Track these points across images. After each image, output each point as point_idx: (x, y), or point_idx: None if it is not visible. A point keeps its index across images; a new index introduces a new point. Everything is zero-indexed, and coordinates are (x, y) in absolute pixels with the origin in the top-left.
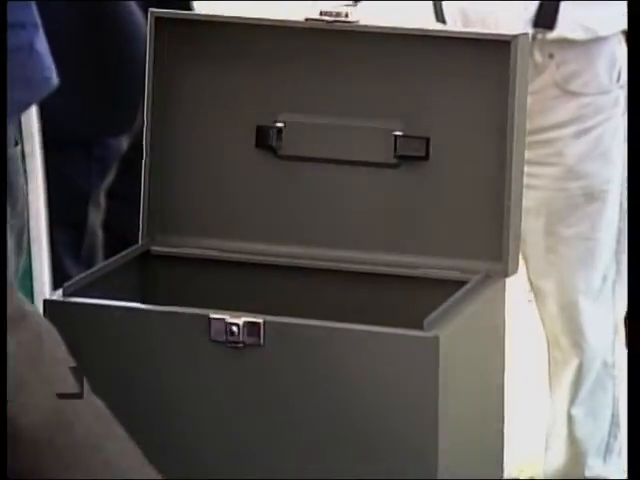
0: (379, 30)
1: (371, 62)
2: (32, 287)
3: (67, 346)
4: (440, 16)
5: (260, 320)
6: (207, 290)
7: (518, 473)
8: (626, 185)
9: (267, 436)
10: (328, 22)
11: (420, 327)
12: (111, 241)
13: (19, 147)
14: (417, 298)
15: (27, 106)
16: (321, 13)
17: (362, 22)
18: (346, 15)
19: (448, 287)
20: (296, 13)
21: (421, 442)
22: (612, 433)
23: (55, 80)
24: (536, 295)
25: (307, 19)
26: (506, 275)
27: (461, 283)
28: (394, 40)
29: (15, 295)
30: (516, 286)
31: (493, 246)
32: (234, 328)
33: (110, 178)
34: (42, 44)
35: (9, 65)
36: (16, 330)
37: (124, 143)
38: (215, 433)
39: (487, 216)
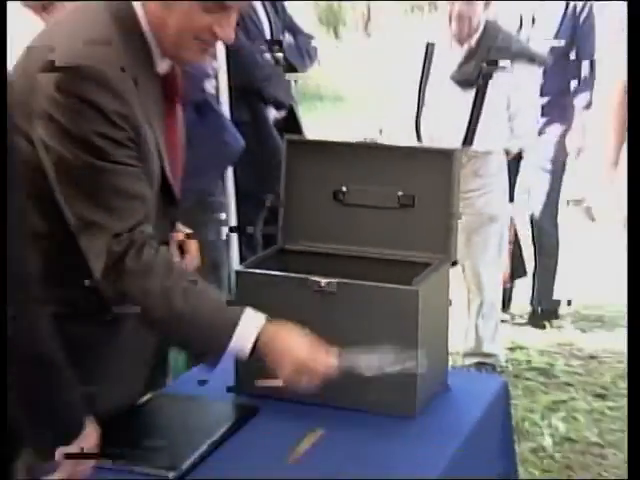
0: (387, 146)
1: (385, 161)
2: None
3: (245, 295)
4: (419, 138)
5: (335, 281)
6: (311, 265)
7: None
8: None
9: (336, 330)
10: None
11: (410, 284)
12: (265, 242)
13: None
14: (408, 271)
15: (227, 167)
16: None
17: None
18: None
19: (422, 266)
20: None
21: (408, 343)
22: (495, 331)
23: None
24: (462, 267)
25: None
26: (450, 260)
27: (428, 264)
28: (397, 150)
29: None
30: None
31: (444, 245)
32: (322, 284)
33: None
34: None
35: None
36: None
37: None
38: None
39: (441, 231)
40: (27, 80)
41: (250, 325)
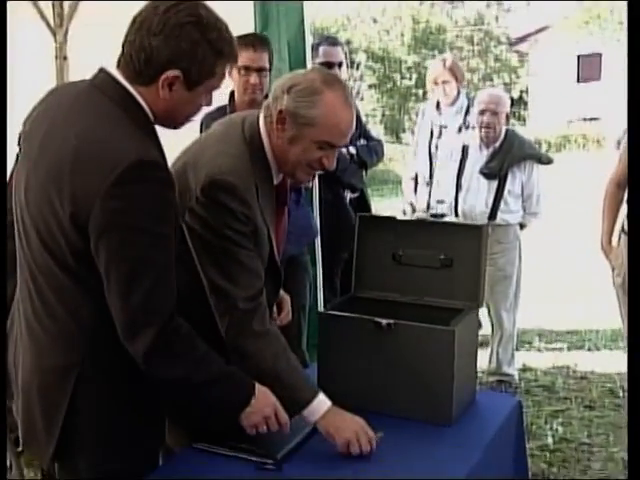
0: (432, 221)
1: (431, 233)
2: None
3: (326, 330)
4: (456, 214)
5: (392, 321)
6: (375, 309)
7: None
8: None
9: (392, 358)
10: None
11: (448, 325)
12: (342, 289)
13: None
14: (446, 315)
15: (305, 244)
16: None
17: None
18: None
19: (457, 311)
20: None
21: (446, 370)
22: (512, 357)
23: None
24: (487, 310)
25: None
26: (479, 307)
27: (461, 310)
28: (440, 225)
29: None
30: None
31: (474, 295)
32: (383, 323)
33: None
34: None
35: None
36: None
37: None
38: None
39: (472, 285)
40: (181, 183)
41: (323, 402)
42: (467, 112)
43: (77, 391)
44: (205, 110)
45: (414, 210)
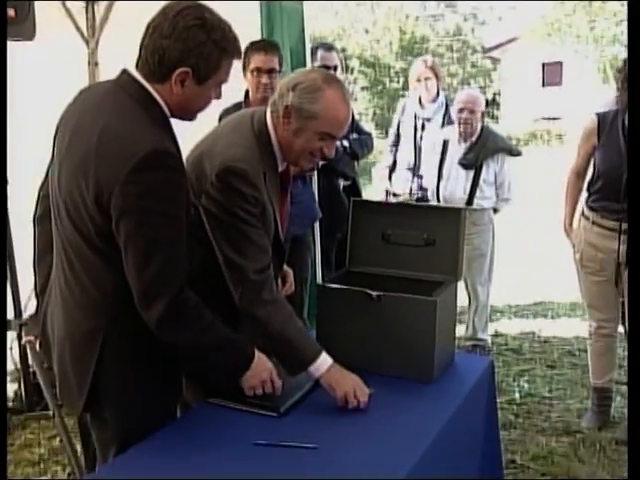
0: (417, 205)
1: (416, 215)
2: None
3: (323, 300)
4: (438, 199)
5: (381, 293)
6: (366, 282)
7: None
8: (491, 249)
9: (381, 325)
10: (406, 204)
11: (430, 296)
12: (337, 265)
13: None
14: (429, 287)
15: (309, 225)
16: None
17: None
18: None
19: (439, 284)
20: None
21: (429, 335)
22: (486, 324)
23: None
24: (465, 284)
25: (400, 201)
26: (457, 280)
27: (442, 283)
28: (424, 208)
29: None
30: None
31: (454, 270)
32: (373, 294)
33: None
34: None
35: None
36: None
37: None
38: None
39: (452, 261)
40: (198, 169)
41: (326, 360)
42: (447, 110)
43: (103, 351)
44: (224, 105)
45: (387, 194)
